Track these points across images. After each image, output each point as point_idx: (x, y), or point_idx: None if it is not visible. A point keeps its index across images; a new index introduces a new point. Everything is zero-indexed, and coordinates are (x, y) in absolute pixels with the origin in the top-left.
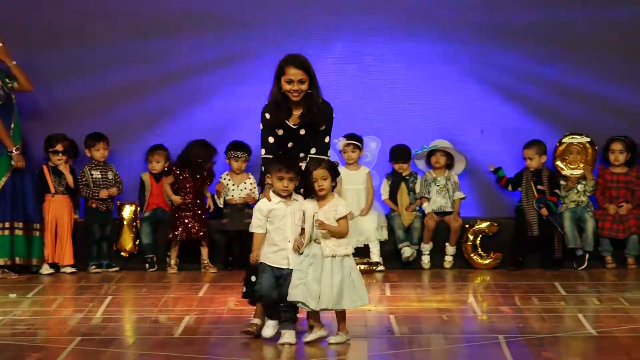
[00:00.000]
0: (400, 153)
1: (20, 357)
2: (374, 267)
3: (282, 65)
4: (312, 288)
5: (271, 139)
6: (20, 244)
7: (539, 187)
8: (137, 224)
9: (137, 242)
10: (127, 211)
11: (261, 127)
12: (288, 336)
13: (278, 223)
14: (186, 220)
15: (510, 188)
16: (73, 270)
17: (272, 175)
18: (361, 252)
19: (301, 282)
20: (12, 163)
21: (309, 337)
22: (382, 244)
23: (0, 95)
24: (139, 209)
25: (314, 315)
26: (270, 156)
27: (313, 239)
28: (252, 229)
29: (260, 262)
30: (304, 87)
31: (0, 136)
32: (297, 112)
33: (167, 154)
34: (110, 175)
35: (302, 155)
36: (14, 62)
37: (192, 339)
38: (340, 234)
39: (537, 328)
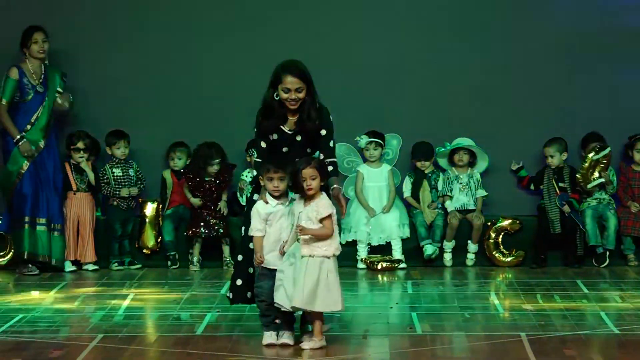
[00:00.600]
0: (422, 150)
1: (42, 355)
2: (396, 265)
3: (279, 73)
4: (287, 288)
5: (263, 144)
6: (43, 241)
7: (560, 184)
8: (159, 222)
9: (159, 240)
10: (149, 208)
11: (254, 130)
12: (287, 337)
13: (275, 225)
14: (207, 218)
15: (532, 187)
16: (95, 267)
17: (263, 176)
18: (383, 250)
19: (280, 282)
20: (20, 151)
21: (306, 345)
22: (404, 241)
23: (25, 91)
24: (161, 206)
25: (315, 324)
26: (260, 160)
27: (296, 239)
28: (251, 232)
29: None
30: (301, 95)
31: (5, 125)
32: (292, 118)
33: (189, 151)
34: (131, 172)
35: (297, 160)
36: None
37: (214, 337)
38: (323, 236)
39: (559, 326)
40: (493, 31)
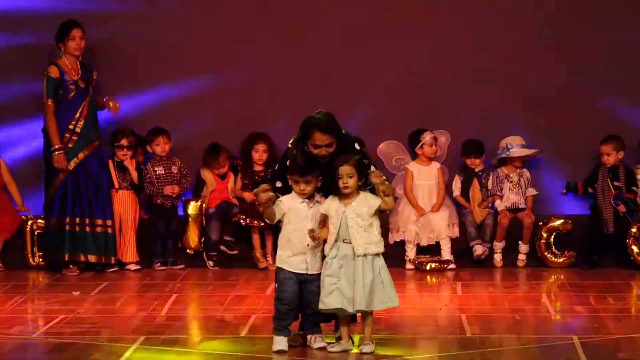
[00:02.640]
0: (472, 147)
1: (83, 356)
2: (445, 265)
3: (307, 129)
4: (346, 291)
5: (279, 184)
6: (88, 240)
7: (615, 183)
8: (202, 221)
9: (202, 240)
10: (192, 207)
11: (278, 164)
12: (320, 341)
13: (297, 224)
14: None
15: (590, 190)
16: (137, 267)
17: (289, 177)
18: (432, 250)
19: (334, 287)
20: (53, 162)
21: (335, 348)
22: (454, 241)
23: (68, 87)
24: (204, 205)
25: (344, 326)
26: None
27: (342, 239)
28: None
29: (280, 268)
30: (332, 150)
31: (49, 129)
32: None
33: (229, 154)
34: (174, 169)
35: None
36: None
37: (258, 339)
38: (391, 205)
39: (612, 328)
40: (546, 28)
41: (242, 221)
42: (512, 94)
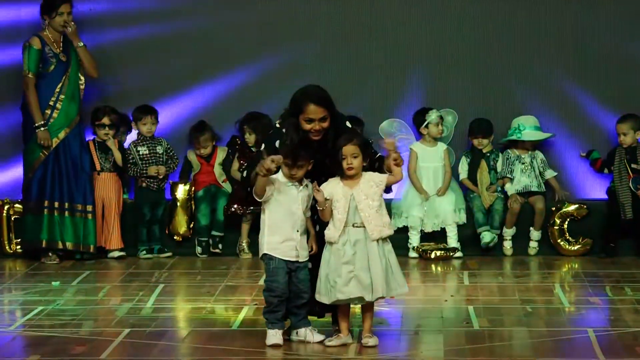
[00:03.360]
0: (481, 127)
1: (64, 350)
2: (451, 253)
3: (299, 102)
4: (363, 278)
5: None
6: (65, 227)
7: (633, 165)
8: (191, 205)
9: (191, 225)
10: (180, 191)
11: (265, 144)
12: (310, 333)
13: (287, 207)
14: None
15: (606, 170)
16: (121, 255)
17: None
18: (437, 237)
19: (352, 274)
20: (37, 139)
21: (333, 342)
22: (460, 227)
23: (48, 60)
24: (193, 188)
25: (344, 318)
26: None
27: (351, 224)
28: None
29: (270, 256)
30: (326, 124)
31: (30, 104)
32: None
33: (213, 135)
34: (159, 149)
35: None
36: (81, 44)
37: (251, 332)
38: (396, 180)
39: (630, 321)
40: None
41: (239, 211)
42: (523, 69)
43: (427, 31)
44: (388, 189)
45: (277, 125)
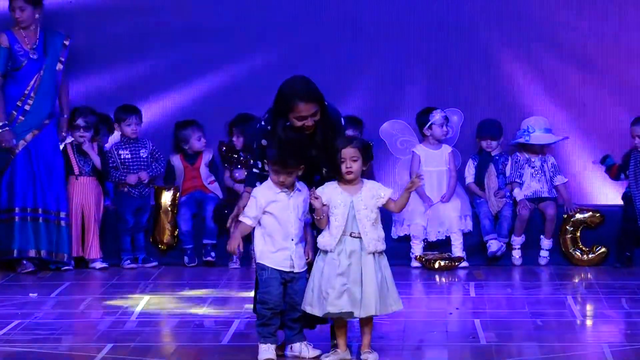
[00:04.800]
0: (489, 128)
1: None
2: (456, 263)
3: (287, 101)
4: (355, 292)
5: (259, 164)
6: (39, 234)
7: None
8: (175, 211)
9: (176, 233)
10: (166, 197)
11: (255, 145)
12: (305, 348)
13: (279, 216)
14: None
15: (623, 176)
16: (103, 265)
17: (269, 164)
18: (441, 246)
19: (345, 287)
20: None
21: (330, 358)
22: (466, 235)
23: (18, 58)
24: (178, 194)
25: (341, 332)
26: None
27: (349, 233)
28: (241, 217)
29: (262, 264)
30: (318, 117)
31: None
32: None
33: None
34: (143, 153)
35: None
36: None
37: (243, 347)
38: (402, 206)
39: None
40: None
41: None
42: (534, 68)
43: (431, 26)
44: None
45: (263, 123)
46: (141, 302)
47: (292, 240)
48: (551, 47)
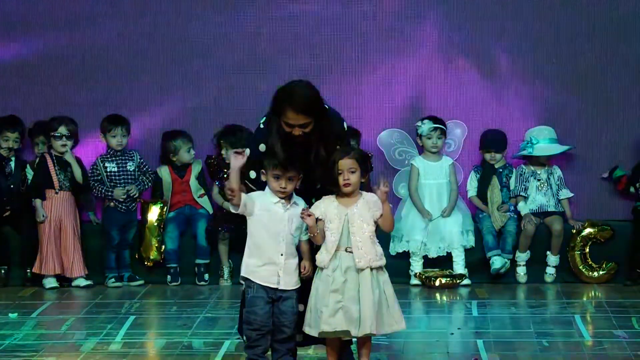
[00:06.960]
0: (493, 140)
1: None
2: (458, 281)
3: (279, 103)
4: (351, 310)
5: (253, 174)
6: None
7: None
8: (162, 227)
9: (162, 250)
10: (153, 212)
11: (250, 149)
12: None
13: (270, 228)
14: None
15: (632, 189)
16: (87, 283)
17: (267, 172)
18: (442, 263)
19: (340, 305)
20: None
21: None
22: (468, 252)
23: None
24: (166, 209)
25: (334, 353)
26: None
27: (343, 248)
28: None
29: (248, 281)
30: (308, 129)
31: None
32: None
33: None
34: (130, 166)
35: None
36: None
37: None
38: (389, 222)
39: None
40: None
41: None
42: (540, 78)
43: (433, 34)
44: None
45: (261, 126)
46: (126, 323)
47: (282, 255)
48: (556, 53)
